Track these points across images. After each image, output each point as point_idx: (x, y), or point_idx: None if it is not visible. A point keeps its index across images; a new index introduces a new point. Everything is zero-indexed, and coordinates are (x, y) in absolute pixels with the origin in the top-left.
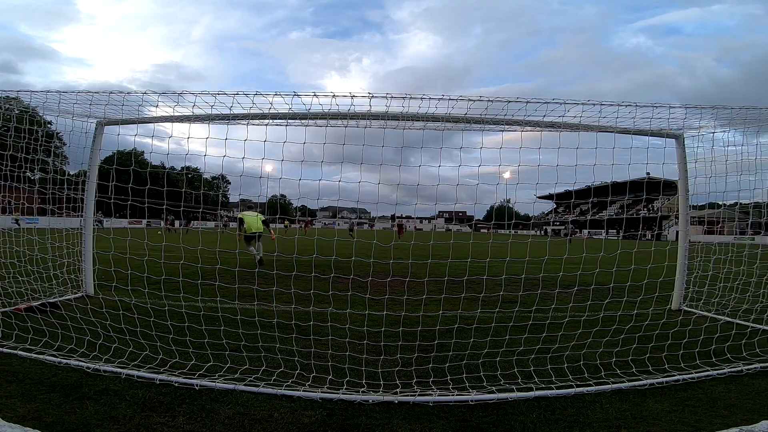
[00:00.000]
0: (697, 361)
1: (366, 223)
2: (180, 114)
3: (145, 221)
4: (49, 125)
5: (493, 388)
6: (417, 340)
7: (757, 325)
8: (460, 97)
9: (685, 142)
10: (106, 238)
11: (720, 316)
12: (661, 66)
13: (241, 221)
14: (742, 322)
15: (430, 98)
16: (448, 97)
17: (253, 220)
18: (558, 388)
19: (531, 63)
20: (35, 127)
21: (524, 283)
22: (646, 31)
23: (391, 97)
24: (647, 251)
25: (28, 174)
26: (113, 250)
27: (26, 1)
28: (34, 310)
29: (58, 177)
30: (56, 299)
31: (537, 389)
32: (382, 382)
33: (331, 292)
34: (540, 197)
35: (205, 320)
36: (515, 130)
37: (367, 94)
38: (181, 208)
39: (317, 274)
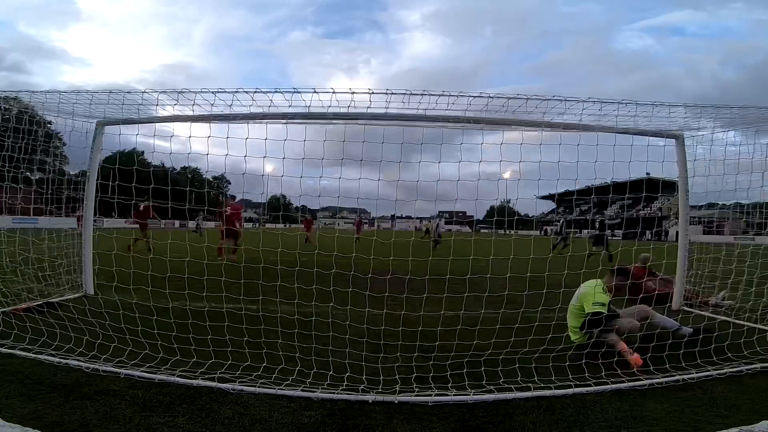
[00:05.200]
0: (698, 361)
1: (366, 223)
2: (180, 113)
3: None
4: (49, 125)
5: (493, 388)
6: (417, 339)
7: (757, 325)
8: (461, 93)
9: (685, 142)
10: (105, 237)
11: (720, 316)
12: (665, 68)
13: None
14: (742, 322)
15: (430, 95)
16: (449, 94)
17: None
18: (558, 388)
19: (537, 65)
20: (35, 127)
21: (524, 282)
22: (651, 33)
23: (392, 93)
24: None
25: (28, 174)
26: (111, 249)
27: (32, 1)
28: (33, 310)
29: (58, 177)
30: (56, 299)
31: (536, 389)
32: (381, 379)
33: (332, 288)
34: (540, 197)
35: (205, 319)
36: (516, 130)
37: (367, 91)
38: (186, 207)
39: (319, 270)
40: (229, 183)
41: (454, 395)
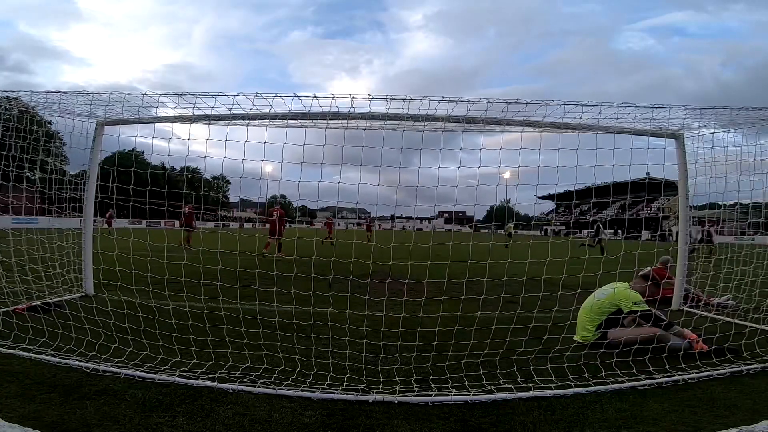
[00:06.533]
0: (698, 362)
1: (363, 222)
2: (181, 114)
3: (145, 221)
4: (49, 125)
5: (493, 388)
6: (416, 340)
7: (758, 325)
8: (460, 99)
9: (685, 143)
10: (104, 237)
11: (720, 317)
12: (666, 68)
13: None
14: (743, 322)
15: (430, 100)
16: (448, 99)
17: None
18: (558, 388)
19: (539, 65)
20: (35, 127)
21: (525, 284)
22: (653, 33)
23: (391, 98)
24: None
25: (28, 174)
26: (114, 250)
27: (32, 0)
28: (35, 310)
29: (58, 177)
30: (56, 299)
31: (536, 389)
32: (381, 379)
33: (330, 293)
34: (540, 197)
35: (204, 320)
36: (515, 131)
37: (367, 96)
38: (183, 209)
39: (317, 275)
40: (229, 183)
41: (454, 395)
